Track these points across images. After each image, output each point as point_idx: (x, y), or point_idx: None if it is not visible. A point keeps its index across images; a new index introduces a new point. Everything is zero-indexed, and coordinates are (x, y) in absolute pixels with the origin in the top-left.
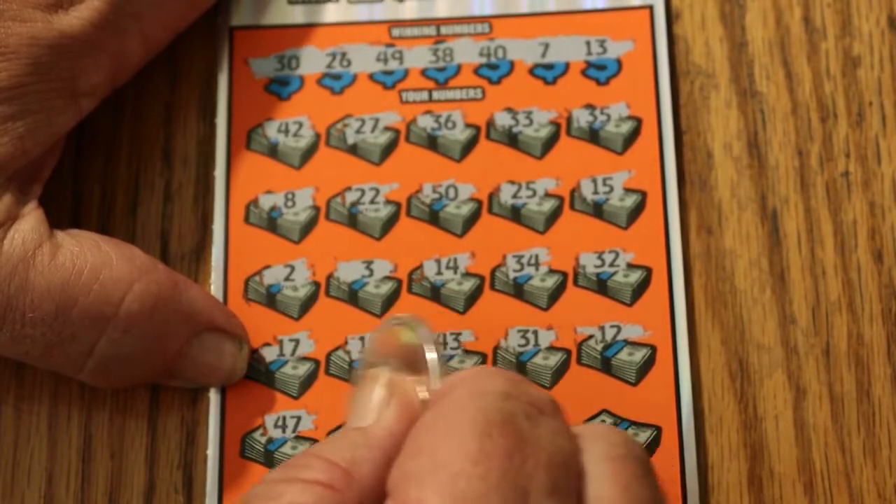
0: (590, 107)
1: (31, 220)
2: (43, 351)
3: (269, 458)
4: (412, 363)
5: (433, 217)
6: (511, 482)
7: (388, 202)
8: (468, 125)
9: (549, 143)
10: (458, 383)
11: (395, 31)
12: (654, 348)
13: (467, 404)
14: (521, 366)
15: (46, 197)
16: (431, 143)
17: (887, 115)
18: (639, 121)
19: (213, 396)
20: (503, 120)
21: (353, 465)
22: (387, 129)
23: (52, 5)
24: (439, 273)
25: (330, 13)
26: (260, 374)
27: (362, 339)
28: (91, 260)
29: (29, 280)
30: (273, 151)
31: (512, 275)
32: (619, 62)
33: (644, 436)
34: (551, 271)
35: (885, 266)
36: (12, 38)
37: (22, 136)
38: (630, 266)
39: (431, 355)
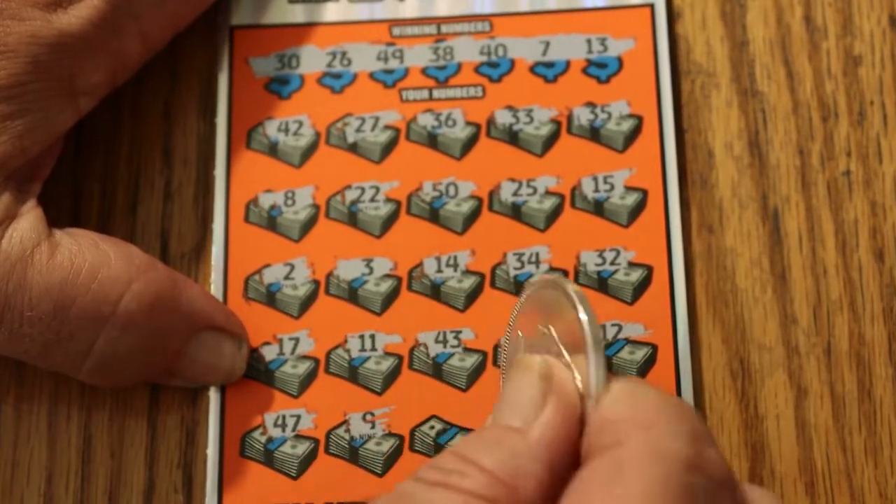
0: (590, 105)
1: (29, 218)
2: (41, 350)
3: (269, 458)
4: (565, 332)
5: (433, 215)
6: None
7: (388, 200)
8: (468, 123)
9: (550, 141)
10: (635, 430)
11: (396, 30)
12: (654, 347)
13: (648, 469)
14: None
15: (46, 196)
16: (432, 141)
17: (888, 114)
18: (640, 119)
19: (213, 396)
20: (504, 118)
21: (517, 480)
22: (387, 127)
23: (51, 4)
24: (439, 271)
25: (330, 12)
26: (260, 372)
27: (361, 337)
28: (89, 259)
29: (27, 279)
30: (273, 150)
31: (512, 273)
32: (619, 60)
33: None
34: (552, 269)
35: (887, 265)
36: (11, 37)
37: (21, 135)
38: (631, 264)
39: (591, 336)
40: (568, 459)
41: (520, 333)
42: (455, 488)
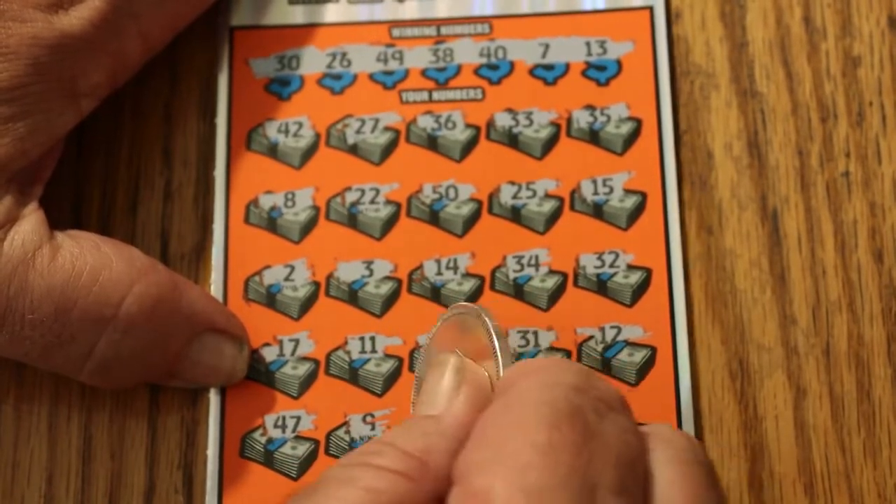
0: (590, 107)
1: (31, 221)
2: (42, 352)
3: (269, 458)
4: (477, 352)
5: (433, 217)
6: (580, 477)
7: (388, 202)
8: (468, 125)
9: (550, 143)
10: (527, 374)
11: (396, 32)
12: (653, 349)
13: (536, 395)
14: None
15: (46, 197)
16: (431, 143)
17: (887, 115)
18: (639, 122)
19: (213, 396)
20: (503, 120)
21: (427, 455)
22: (387, 129)
23: (52, 5)
24: (439, 273)
25: (330, 13)
26: (260, 374)
27: (362, 338)
28: (91, 261)
29: (28, 282)
30: (273, 151)
31: (512, 275)
32: (619, 63)
33: None
34: (551, 272)
35: (886, 266)
36: (13, 39)
37: (22, 137)
38: (630, 267)
39: (498, 341)
40: None
41: (435, 347)
42: (370, 465)
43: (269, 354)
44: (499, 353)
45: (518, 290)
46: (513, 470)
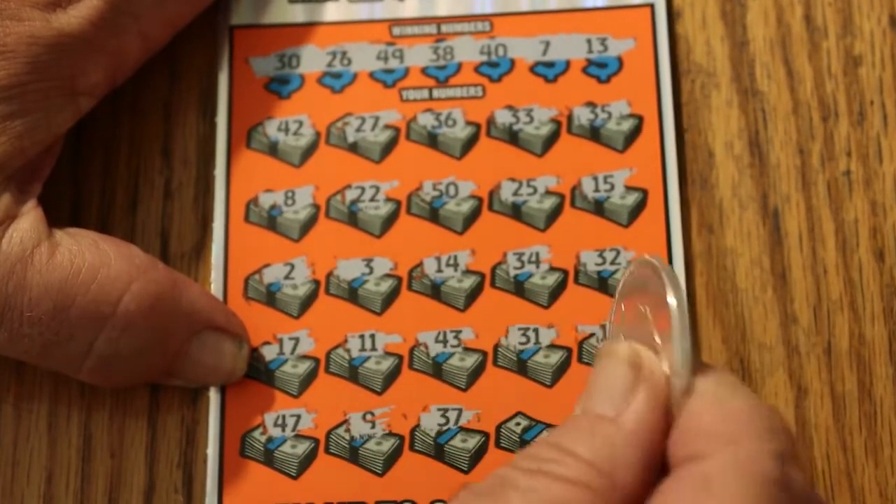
0: (590, 105)
1: (29, 219)
2: (41, 350)
3: (269, 457)
4: (655, 305)
5: (433, 215)
6: None
7: (388, 200)
8: (468, 123)
9: (550, 140)
10: (723, 445)
11: (396, 30)
12: None
13: (734, 483)
14: (521, 364)
15: (46, 195)
16: (432, 140)
17: (888, 113)
18: (640, 119)
19: (213, 395)
20: (504, 118)
21: (612, 467)
22: (387, 127)
23: (50, 4)
24: (440, 270)
25: (330, 12)
26: (260, 372)
27: (361, 336)
28: (89, 259)
29: (27, 279)
30: (273, 150)
31: (512, 272)
32: (619, 60)
33: None
34: (552, 269)
35: (887, 265)
36: (11, 37)
37: (21, 135)
38: None
39: (681, 331)
40: (659, 451)
41: (623, 308)
42: (553, 476)
43: (269, 353)
44: (678, 353)
45: (519, 288)
46: None
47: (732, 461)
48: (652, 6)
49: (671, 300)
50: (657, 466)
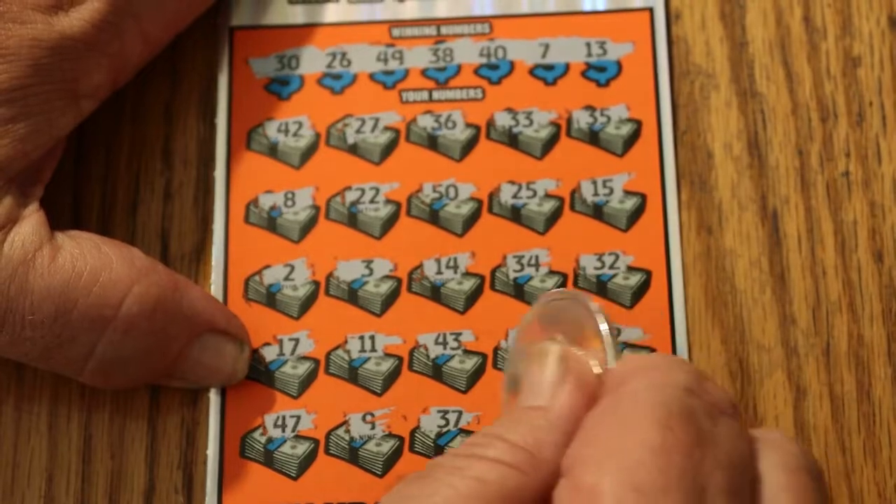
0: (590, 108)
1: (31, 222)
2: (42, 353)
3: (269, 458)
4: (575, 340)
5: (433, 216)
6: (690, 478)
7: (388, 201)
8: (468, 125)
9: (550, 143)
10: (638, 372)
11: (396, 31)
12: (653, 351)
13: (649, 395)
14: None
15: (47, 198)
16: (432, 142)
17: (887, 115)
18: (639, 123)
19: (213, 396)
20: (503, 120)
21: (536, 447)
22: (387, 128)
23: (52, 7)
24: (439, 272)
25: (330, 13)
26: (260, 373)
27: (361, 338)
28: (91, 262)
29: (29, 282)
30: (273, 151)
31: (512, 275)
32: (619, 64)
33: None
34: (551, 272)
35: (886, 266)
36: (13, 40)
37: (23, 138)
38: (630, 269)
39: (604, 327)
40: None
41: (527, 336)
42: (480, 457)
43: (269, 354)
44: (607, 342)
45: (518, 290)
46: (623, 468)
47: (643, 382)
48: (651, 10)
49: (592, 305)
50: None
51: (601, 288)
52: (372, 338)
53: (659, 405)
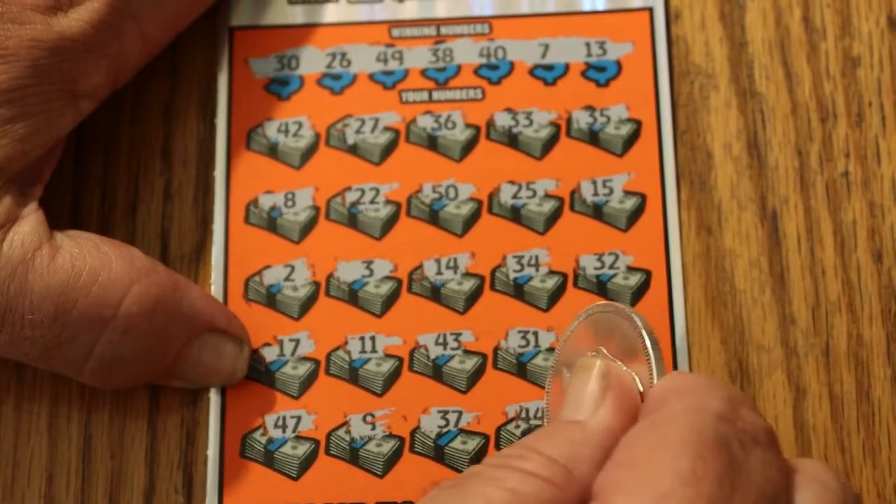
0: (589, 108)
1: (30, 222)
2: (42, 352)
3: (269, 458)
4: (619, 354)
5: (433, 217)
6: None
7: (388, 202)
8: (468, 125)
9: (549, 143)
10: (676, 394)
11: (395, 32)
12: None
13: (683, 420)
14: (521, 366)
15: (46, 198)
16: (431, 143)
17: (887, 115)
18: (638, 123)
19: (213, 396)
20: (503, 120)
21: (573, 463)
22: (387, 129)
23: (51, 7)
24: (439, 273)
25: (330, 13)
26: (260, 374)
27: (362, 338)
28: (90, 262)
29: (28, 282)
30: (273, 151)
31: (512, 275)
32: (618, 64)
33: None
34: (551, 272)
35: (885, 266)
36: (12, 41)
37: (22, 139)
38: (630, 269)
39: (650, 344)
40: None
41: (571, 348)
42: (516, 468)
43: (270, 354)
44: (653, 360)
45: (518, 291)
46: (653, 495)
47: (679, 405)
48: (651, 10)
49: (638, 321)
50: None
51: (601, 288)
52: (372, 338)
53: (692, 431)
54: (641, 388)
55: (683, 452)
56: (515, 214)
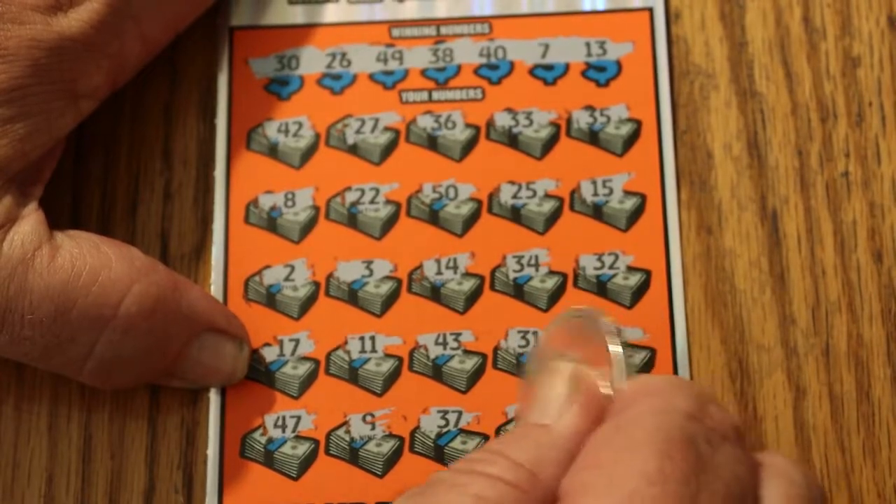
0: (590, 108)
1: (30, 221)
2: (42, 352)
3: (269, 458)
4: (593, 358)
5: (433, 217)
6: None
7: (388, 202)
8: (468, 125)
9: (549, 143)
10: (642, 395)
11: (395, 32)
12: (653, 351)
13: (650, 420)
14: (521, 366)
15: (46, 198)
16: (431, 143)
17: (887, 115)
18: (638, 123)
19: (213, 396)
20: (503, 120)
21: (538, 466)
22: (387, 129)
23: (51, 7)
24: (439, 273)
25: (330, 13)
26: (260, 373)
27: (362, 338)
28: (90, 262)
29: (28, 282)
30: (273, 151)
31: (512, 275)
32: (618, 64)
33: None
34: (551, 272)
35: (885, 266)
36: (12, 41)
37: (22, 139)
38: (630, 269)
39: (616, 349)
40: None
41: (546, 350)
42: (481, 473)
43: (270, 354)
44: (618, 363)
45: (518, 291)
46: (619, 496)
47: (645, 406)
48: (651, 10)
49: (605, 324)
50: None
51: (601, 288)
52: (372, 338)
53: (659, 431)
54: (609, 392)
55: (649, 452)
56: (515, 214)
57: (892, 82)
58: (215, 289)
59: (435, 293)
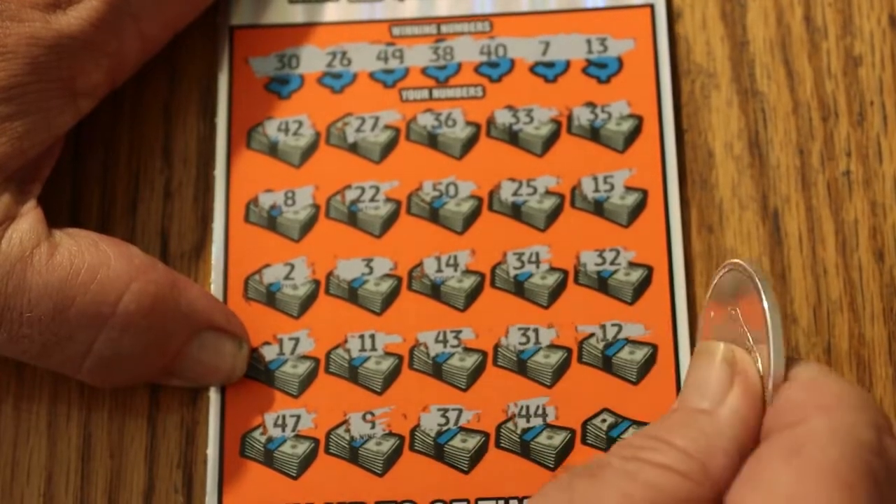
0: (590, 105)
1: (29, 219)
2: (41, 350)
3: (269, 458)
4: (747, 314)
5: (433, 215)
6: None
7: (388, 200)
8: (468, 123)
9: (550, 140)
10: (817, 410)
11: (396, 30)
12: (655, 347)
13: (832, 450)
14: (521, 364)
15: (45, 196)
16: (432, 141)
17: (888, 114)
18: (640, 119)
19: (213, 396)
20: (504, 118)
21: (707, 457)
22: (387, 127)
23: (50, 5)
24: (439, 270)
25: (330, 12)
26: (260, 372)
27: (361, 336)
28: (89, 259)
29: (26, 280)
30: (273, 150)
31: (512, 272)
32: (619, 61)
33: None
34: (552, 269)
35: (887, 265)
36: (11, 38)
37: (20, 136)
38: (631, 264)
39: (773, 328)
40: (753, 442)
41: (711, 314)
42: (649, 462)
43: (269, 353)
44: (772, 346)
45: (518, 287)
46: None
47: (826, 426)
48: (652, 6)
49: (765, 303)
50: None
51: (602, 284)
52: (372, 336)
53: (842, 462)
54: (763, 373)
55: (834, 487)
56: (516, 211)
57: (894, 81)
58: (215, 287)
59: (435, 291)
